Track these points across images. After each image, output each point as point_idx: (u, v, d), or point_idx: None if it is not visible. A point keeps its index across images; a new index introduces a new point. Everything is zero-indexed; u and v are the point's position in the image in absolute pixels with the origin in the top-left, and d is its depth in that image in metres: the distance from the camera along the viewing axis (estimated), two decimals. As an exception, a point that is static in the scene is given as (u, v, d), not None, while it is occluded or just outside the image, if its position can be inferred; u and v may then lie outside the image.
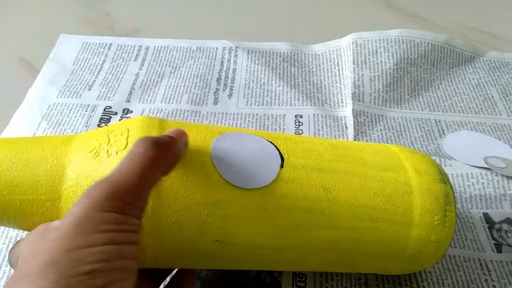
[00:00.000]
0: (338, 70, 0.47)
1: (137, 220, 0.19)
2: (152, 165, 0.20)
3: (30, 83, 0.45)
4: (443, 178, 0.27)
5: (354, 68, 0.45)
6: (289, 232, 0.23)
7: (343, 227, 0.24)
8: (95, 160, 0.22)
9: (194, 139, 0.24)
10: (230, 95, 0.45)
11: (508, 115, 0.43)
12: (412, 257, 0.26)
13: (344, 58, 0.47)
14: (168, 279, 0.26)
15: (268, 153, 0.24)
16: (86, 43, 0.50)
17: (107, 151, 0.23)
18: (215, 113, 0.43)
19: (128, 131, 0.23)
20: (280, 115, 0.43)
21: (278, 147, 0.25)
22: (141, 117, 0.25)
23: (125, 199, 0.18)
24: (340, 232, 0.24)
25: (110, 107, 0.42)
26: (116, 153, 0.23)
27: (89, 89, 0.44)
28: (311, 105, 0.43)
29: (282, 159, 0.24)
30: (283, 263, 0.26)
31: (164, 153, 0.20)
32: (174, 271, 0.26)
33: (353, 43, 0.47)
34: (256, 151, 0.24)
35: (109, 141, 0.23)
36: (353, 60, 0.46)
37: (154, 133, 0.24)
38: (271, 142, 0.25)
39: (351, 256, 0.25)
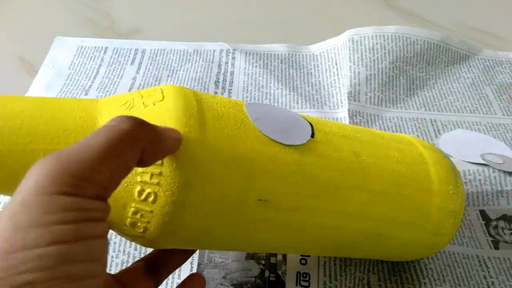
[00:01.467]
0: (337, 69, 0.47)
1: (97, 202, 0.14)
2: (122, 137, 0.15)
3: (30, 83, 0.45)
4: (446, 155, 0.30)
5: (350, 66, 0.45)
6: (328, 191, 0.24)
7: (375, 191, 0.25)
8: (130, 111, 0.20)
9: (227, 101, 0.23)
10: (229, 99, 0.45)
11: (503, 114, 0.44)
12: (435, 227, 0.27)
13: (341, 56, 0.47)
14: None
15: (297, 118, 0.25)
16: (82, 47, 0.49)
17: (143, 103, 0.21)
18: (214, 116, 0.43)
19: (161, 89, 0.22)
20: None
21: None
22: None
23: (78, 173, 0.14)
24: (373, 196, 0.25)
25: (108, 112, 0.42)
26: (154, 104, 0.21)
27: (86, 94, 0.44)
28: (310, 108, 0.43)
29: (311, 125, 0.25)
30: (320, 234, 0.25)
31: (141, 128, 0.16)
32: (176, 276, 0.26)
33: (349, 39, 0.47)
34: (285, 116, 0.25)
35: (142, 96, 0.22)
36: (349, 57, 0.46)
37: (189, 93, 0.22)
38: None
39: (384, 225, 0.26)
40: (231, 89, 0.45)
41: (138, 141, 0.16)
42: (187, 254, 0.26)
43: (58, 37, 0.50)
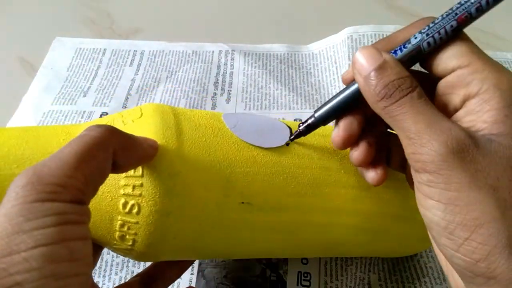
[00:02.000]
0: (336, 68, 0.47)
1: (74, 206, 0.15)
2: (93, 142, 0.17)
3: (30, 83, 0.45)
4: None
5: (349, 65, 0.45)
6: (311, 189, 0.24)
7: (359, 186, 0.25)
8: None
9: (205, 113, 0.25)
10: (228, 100, 0.44)
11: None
12: None
13: (340, 54, 0.47)
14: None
15: (274, 123, 0.26)
16: (80, 48, 0.49)
17: (123, 121, 0.22)
18: (213, 117, 0.42)
19: (140, 108, 0.23)
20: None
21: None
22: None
23: (53, 180, 0.15)
24: (357, 191, 0.25)
25: (107, 113, 0.42)
26: (133, 121, 0.22)
27: (84, 96, 0.44)
28: (310, 108, 0.43)
29: (290, 128, 0.26)
30: (311, 233, 0.26)
31: (111, 133, 0.18)
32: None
33: (348, 37, 0.47)
34: (263, 122, 0.26)
35: (122, 116, 0.23)
36: (348, 56, 0.46)
37: (167, 109, 0.23)
38: None
39: (373, 219, 0.26)
40: (230, 90, 0.45)
41: (108, 145, 0.17)
42: (182, 267, 0.26)
43: (56, 39, 0.50)
